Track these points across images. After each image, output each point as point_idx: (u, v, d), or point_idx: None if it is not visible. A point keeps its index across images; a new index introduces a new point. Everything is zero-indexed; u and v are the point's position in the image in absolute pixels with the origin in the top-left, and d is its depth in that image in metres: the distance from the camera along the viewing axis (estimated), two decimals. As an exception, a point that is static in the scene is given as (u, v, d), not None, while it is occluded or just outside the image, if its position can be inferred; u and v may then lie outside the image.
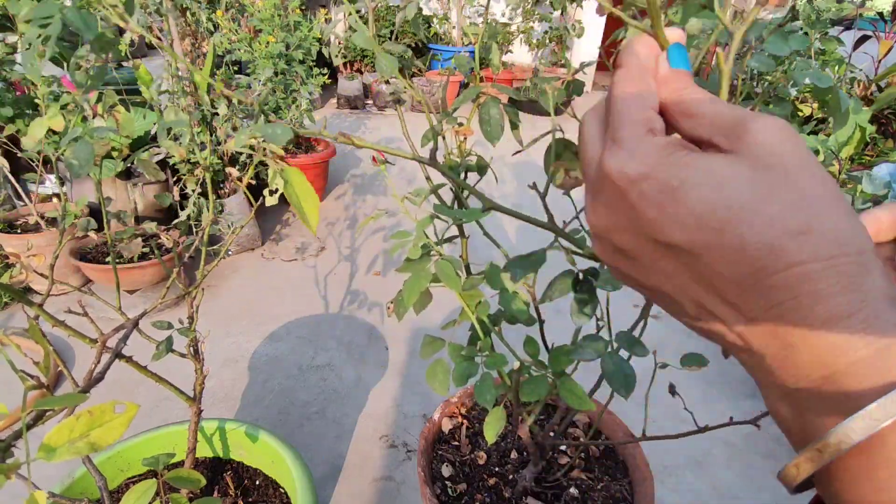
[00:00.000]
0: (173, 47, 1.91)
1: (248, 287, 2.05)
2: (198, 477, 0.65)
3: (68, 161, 0.60)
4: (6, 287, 0.46)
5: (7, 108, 1.76)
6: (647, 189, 0.21)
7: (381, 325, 1.86)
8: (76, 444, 0.34)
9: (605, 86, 6.59)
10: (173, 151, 0.75)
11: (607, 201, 0.23)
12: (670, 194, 0.21)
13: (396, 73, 0.50)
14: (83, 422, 0.35)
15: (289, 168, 0.48)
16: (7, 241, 1.74)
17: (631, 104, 0.23)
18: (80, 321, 1.26)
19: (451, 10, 5.59)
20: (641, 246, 0.23)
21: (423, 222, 0.47)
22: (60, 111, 0.70)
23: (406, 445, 1.38)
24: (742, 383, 1.69)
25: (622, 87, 0.24)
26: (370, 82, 4.98)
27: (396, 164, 3.46)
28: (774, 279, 0.19)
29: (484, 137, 0.52)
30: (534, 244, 0.54)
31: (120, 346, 0.61)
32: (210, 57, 0.95)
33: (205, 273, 0.82)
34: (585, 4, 4.69)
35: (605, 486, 0.82)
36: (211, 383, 1.55)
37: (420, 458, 0.81)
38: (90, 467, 0.68)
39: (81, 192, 2.03)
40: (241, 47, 2.44)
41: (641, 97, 0.24)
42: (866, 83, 2.40)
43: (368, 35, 0.49)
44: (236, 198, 2.16)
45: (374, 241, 2.45)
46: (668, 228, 0.21)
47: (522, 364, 0.55)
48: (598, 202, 0.24)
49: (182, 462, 0.95)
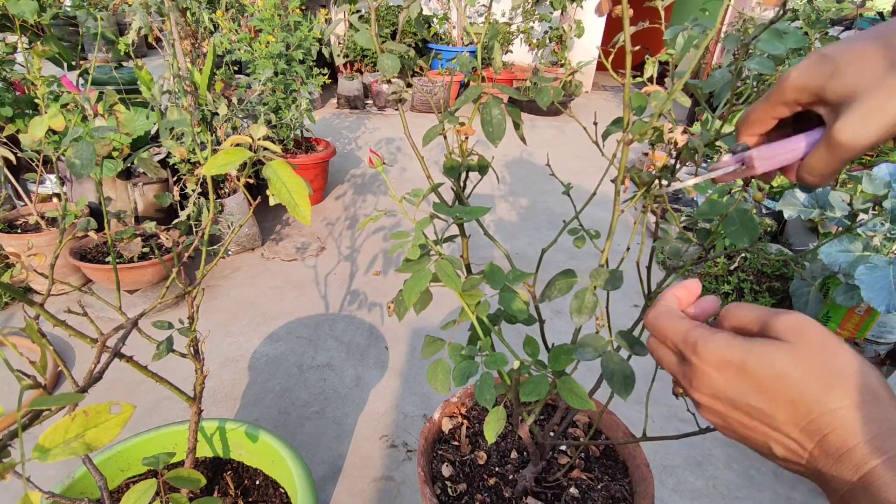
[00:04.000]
0: (174, 47, 1.91)
1: (248, 287, 2.05)
2: (198, 477, 0.65)
3: (70, 161, 0.60)
4: (6, 287, 0.46)
5: (7, 108, 1.76)
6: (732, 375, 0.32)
7: (381, 325, 1.86)
8: (71, 445, 0.34)
9: (604, 86, 6.60)
10: (175, 151, 0.75)
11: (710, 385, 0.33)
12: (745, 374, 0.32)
13: (398, 72, 0.50)
14: (78, 422, 0.35)
15: (274, 162, 0.48)
16: (7, 240, 1.74)
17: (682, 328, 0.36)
18: (80, 321, 1.26)
19: (451, 10, 5.59)
20: (739, 407, 0.32)
21: (422, 223, 0.47)
22: (60, 111, 0.70)
23: (406, 445, 1.38)
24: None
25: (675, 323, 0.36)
26: (370, 82, 4.98)
27: (397, 164, 3.46)
28: (821, 420, 0.29)
29: (485, 138, 0.51)
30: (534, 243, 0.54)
31: (120, 345, 0.61)
32: (210, 57, 0.95)
33: (205, 273, 0.82)
34: (585, 4, 4.71)
35: (605, 486, 0.82)
36: (211, 383, 1.55)
37: (420, 458, 0.81)
38: (90, 467, 0.68)
39: (81, 192, 2.03)
40: (241, 47, 2.43)
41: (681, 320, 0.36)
42: (866, 83, 2.40)
43: (371, 34, 0.49)
44: (236, 198, 2.16)
45: (373, 241, 2.45)
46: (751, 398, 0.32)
47: (522, 364, 0.55)
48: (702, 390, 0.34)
49: (182, 462, 0.95)
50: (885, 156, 2.14)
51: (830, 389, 0.29)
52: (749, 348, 0.31)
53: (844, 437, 0.28)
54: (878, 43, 0.31)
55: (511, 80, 5.04)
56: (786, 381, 0.30)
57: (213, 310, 1.90)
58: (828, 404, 0.28)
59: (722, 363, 0.32)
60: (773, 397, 0.30)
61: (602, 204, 2.75)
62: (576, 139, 4.24)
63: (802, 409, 0.29)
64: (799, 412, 0.29)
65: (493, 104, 0.51)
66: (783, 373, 0.30)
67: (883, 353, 1.57)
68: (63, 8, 1.88)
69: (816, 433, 0.29)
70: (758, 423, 0.31)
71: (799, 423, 0.29)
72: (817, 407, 0.29)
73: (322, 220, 2.66)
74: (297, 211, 0.47)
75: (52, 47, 1.62)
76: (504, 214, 2.80)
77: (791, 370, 0.29)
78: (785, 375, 0.30)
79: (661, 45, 0.58)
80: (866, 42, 0.31)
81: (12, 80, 1.85)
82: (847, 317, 1.62)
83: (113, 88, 1.52)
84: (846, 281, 1.50)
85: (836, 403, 0.28)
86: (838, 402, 0.28)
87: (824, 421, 0.28)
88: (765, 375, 0.30)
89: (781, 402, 0.30)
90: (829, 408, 0.28)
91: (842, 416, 0.28)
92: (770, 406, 0.30)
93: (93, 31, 1.80)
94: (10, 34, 1.80)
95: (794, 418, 0.29)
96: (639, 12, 0.82)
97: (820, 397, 0.29)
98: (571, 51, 5.52)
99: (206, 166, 0.44)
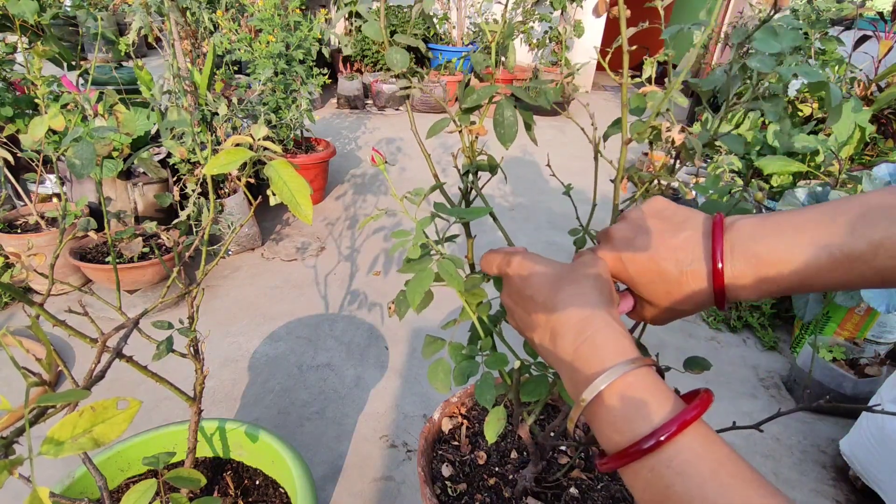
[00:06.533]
0: (174, 47, 1.91)
1: (248, 287, 2.05)
2: (198, 476, 0.65)
3: (70, 161, 0.60)
4: (7, 287, 0.46)
5: (7, 108, 1.76)
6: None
7: (381, 325, 1.86)
8: (79, 441, 0.34)
9: (605, 86, 6.60)
10: (175, 151, 0.75)
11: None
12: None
13: (408, 67, 0.50)
14: (86, 418, 0.35)
15: (276, 161, 0.48)
16: (7, 240, 1.74)
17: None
18: (80, 321, 1.26)
19: (451, 10, 5.59)
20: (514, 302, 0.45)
21: (423, 222, 0.47)
22: (61, 111, 0.70)
23: (406, 445, 1.38)
24: (742, 384, 1.69)
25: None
26: (370, 82, 4.98)
27: (397, 164, 3.46)
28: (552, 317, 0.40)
29: (497, 139, 0.51)
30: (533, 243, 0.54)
31: (120, 345, 0.61)
32: (210, 57, 0.95)
33: (205, 273, 0.82)
34: (585, 4, 4.71)
35: (605, 486, 0.82)
36: (211, 383, 1.55)
37: (420, 458, 0.81)
38: (90, 467, 0.68)
39: (81, 192, 2.03)
40: (241, 47, 2.43)
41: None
42: (866, 83, 2.40)
43: (380, 25, 0.49)
44: (236, 198, 2.16)
45: (374, 241, 2.45)
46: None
47: (523, 364, 0.55)
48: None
49: (182, 462, 0.95)
50: (885, 156, 2.14)
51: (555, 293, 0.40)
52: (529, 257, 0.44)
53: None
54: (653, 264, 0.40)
55: (511, 80, 5.04)
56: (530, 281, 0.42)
57: (213, 310, 1.90)
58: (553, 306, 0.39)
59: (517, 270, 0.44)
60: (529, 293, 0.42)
61: (601, 204, 2.74)
62: (575, 139, 4.24)
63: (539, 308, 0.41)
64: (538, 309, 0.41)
65: (505, 105, 0.50)
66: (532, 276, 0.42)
67: (883, 353, 1.57)
68: (63, 8, 1.88)
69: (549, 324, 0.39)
70: (524, 312, 0.43)
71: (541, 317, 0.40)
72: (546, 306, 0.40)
73: (322, 220, 2.66)
74: (299, 210, 0.47)
75: (52, 47, 1.62)
76: (504, 214, 2.80)
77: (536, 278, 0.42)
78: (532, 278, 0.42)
79: (661, 45, 0.58)
80: (659, 267, 0.40)
81: (12, 80, 1.85)
82: (847, 317, 1.62)
83: (113, 88, 1.52)
84: (846, 281, 1.50)
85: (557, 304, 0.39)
86: (559, 303, 0.39)
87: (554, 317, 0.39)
88: (524, 276, 0.43)
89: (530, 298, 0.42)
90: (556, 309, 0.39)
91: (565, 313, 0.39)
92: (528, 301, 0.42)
93: (93, 31, 1.80)
94: (10, 34, 1.80)
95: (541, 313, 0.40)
96: (638, 13, 0.82)
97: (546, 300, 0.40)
98: (571, 51, 5.52)
99: (207, 166, 0.44)
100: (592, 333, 0.36)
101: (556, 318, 0.38)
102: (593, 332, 0.36)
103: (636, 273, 0.40)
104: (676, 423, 0.30)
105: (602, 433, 0.34)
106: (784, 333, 1.96)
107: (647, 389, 0.33)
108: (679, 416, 0.30)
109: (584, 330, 0.36)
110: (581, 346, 0.36)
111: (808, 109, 2.45)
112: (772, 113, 0.51)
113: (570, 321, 0.37)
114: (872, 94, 2.36)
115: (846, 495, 1.32)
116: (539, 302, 0.40)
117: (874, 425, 1.23)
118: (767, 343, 1.88)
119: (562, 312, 0.38)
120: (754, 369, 1.77)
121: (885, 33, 2.50)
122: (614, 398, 0.33)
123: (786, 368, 1.78)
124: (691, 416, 0.30)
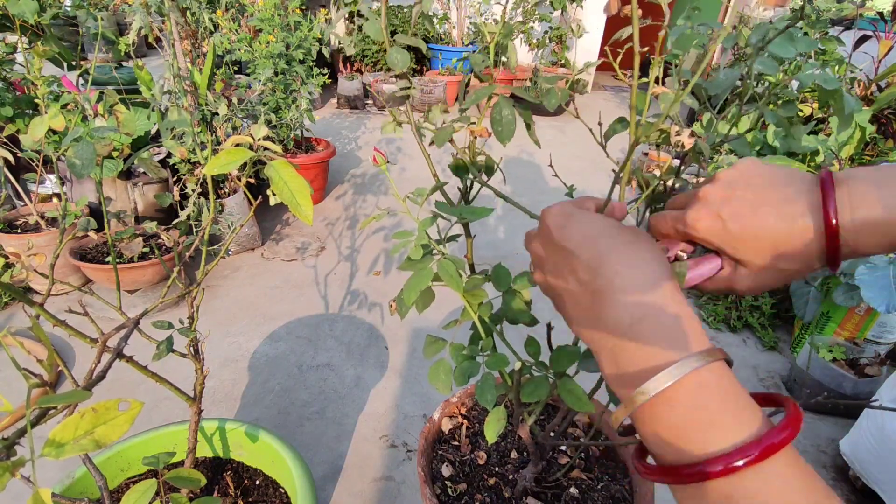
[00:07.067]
0: (174, 47, 1.91)
1: (248, 287, 2.05)
2: (198, 476, 0.65)
3: (70, 161, 0.59)
4: (7, 287, 0.46)
5: (7, 108, 1.76)
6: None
7: (381, 325, 1.86)
8: (81, 442, 0.34)
9: (605, 86, 6.59)
10: (175, 151, 0.75)
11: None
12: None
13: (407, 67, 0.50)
14: (87, 419, 0.35)
15: (277, 161, 0.48)
16: (7, 240, 1.74)
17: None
18: (80, 321, 1.26)
19: (451, 10, 5.59)
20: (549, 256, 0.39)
21: (425, 222, 0.47)
22: (61, 111, 0.70)
23: (406, 445, 1.38)
24: (742, 384, 1.69)
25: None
26: (370, 82, 4.98)
27: (397, 164, 3.46)
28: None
29: (495, 137, 0.51)
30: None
31: (120, 345, 0.61)
32: (210, 57, 0.95)
33: (205, 273, 0.82)
34: (586, 4, 4.72)
35: (605, 486, 0.82)
36: (211, 383, 1.55)
37: (420, 458, 0.81)
38: (90, 467, 0.67)
39: (81, 192, 2.03)
40: (241, 47, 2.43)
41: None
42: (866, 83, 2.40)
43: (381, 25, 0.49)
44: (236, 198, 2.16)
45: (374, 241, 2.45)
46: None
47: (524, 364, 0.55)
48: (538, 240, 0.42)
49: (182, 462, 0.95)
50: (885, 156, 2.14)
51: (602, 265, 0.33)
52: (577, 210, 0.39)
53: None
54: (771, 231, 0.35)
55: (511, 80, 5.04)
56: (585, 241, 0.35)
57: (213, 310, 1.89)
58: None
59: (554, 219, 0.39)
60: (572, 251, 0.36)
61: (602, 204, 2.74)
62: (575, 139, 4.24)
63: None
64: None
65: (503, 104, 0.50)
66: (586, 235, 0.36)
67: (883, 354, 1.57)
68: (63, 8, 1.88)
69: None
70: (563, 268, 0.36)
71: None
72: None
73: (322, 220, 2.65)
74: (300, 210, 0.47)
75: (52, 47, 1.62)
76: (503, 214, 2.80)
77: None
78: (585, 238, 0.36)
79: (663, 44, 0.58)
80: (765, 222, 0.35)
81: (12, 80, 1.85)
82: (847, 317, 1.62)
83: (113, 88, 1.52)
84: (846, 281, 1.50)
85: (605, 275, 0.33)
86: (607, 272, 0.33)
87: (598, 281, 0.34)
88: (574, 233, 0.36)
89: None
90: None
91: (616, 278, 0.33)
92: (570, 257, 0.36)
93: (93, 31, 1.80)
94: (11, 34, 1.80)
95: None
96: (640, 10, 0.82)
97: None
98: (571, 51, 5.52)
99: (207, 166, 0.44)
100: (658, 310, 0.30)
101: (606, 279, 0.32)
102: (659, 309, 0.30)
103: (739, 229, 0.35)
104: (760, 447, 0.25)
105: (658, 437, 0.28)
106: (784, 333, 1.96)
107: (725, 393, 0.28)
108: (765, 438, 0.25)
109: (646, 302, 0.30)
110: (641, 323, 0.30)
111: (808, 109, 2.46)
112: (784, 117, 0.51)
113: (627, 287, 0.31)
114: (872, 94, 2.36)
115: (846, 495, 1.32)
116: (581, 256, 0.34)
117: (874, 425, 1.23)
118: (767, 343, 1.88)
119: (616, 275, 0.32)
120: (754, 369, 1.77)
121: (885, 33, 2.50)
122: (685, 398, 0.27)
123: (786, 368, 1.78)
124: (779, 438, 0.25)
